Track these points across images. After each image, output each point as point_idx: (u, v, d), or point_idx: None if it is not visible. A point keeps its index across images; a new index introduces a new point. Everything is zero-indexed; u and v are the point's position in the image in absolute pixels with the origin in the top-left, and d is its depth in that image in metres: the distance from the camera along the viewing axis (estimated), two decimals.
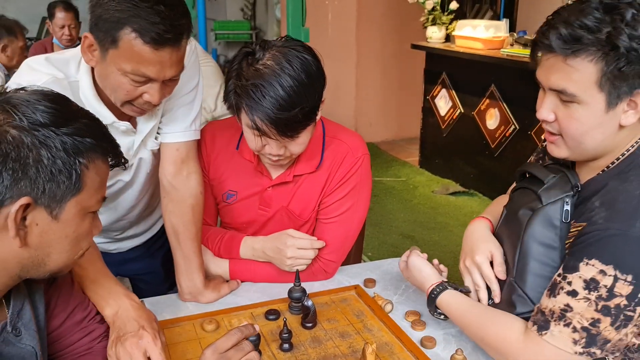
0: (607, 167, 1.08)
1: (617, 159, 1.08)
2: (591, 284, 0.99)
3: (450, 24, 4.56)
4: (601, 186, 1.07)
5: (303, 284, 1.37)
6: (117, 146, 0.92)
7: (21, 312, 0.93)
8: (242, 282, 1.51)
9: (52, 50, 4.00)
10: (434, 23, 4.59)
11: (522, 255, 1.15)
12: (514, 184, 1.36)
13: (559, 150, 1.11)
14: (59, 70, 1.26)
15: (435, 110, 4.74)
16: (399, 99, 5.84)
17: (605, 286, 0.98)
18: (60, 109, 0.83)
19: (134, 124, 1.37)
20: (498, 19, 5.14)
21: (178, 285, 1.44)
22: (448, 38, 4.62)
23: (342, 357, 1.20)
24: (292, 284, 1.36)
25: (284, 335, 1.22)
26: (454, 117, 4.53)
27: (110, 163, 0.91)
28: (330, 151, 1.46)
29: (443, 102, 4.64)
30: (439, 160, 4.81)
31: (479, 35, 4.14)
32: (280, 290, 1.45)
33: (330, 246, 1.50)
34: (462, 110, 4.44)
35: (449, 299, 1.24)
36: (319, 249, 1.50)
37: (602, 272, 0.98)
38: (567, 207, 1.11)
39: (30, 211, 0.81)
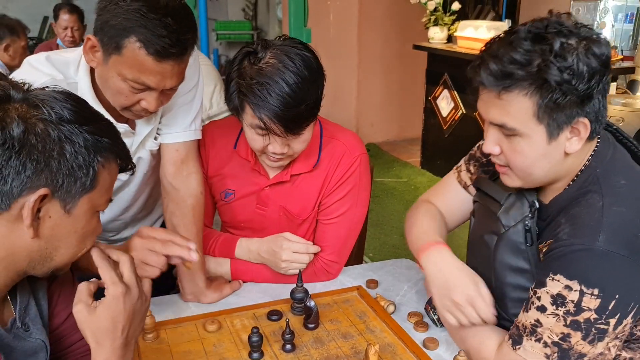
0: (569, 184, 1.08)
1: (577, 175, 1.07)
2: (558, 299, 0.98)
3: (452, 24, 4.56)
4: (566, 203, 1.07)
5: (305, 285, 1.37)
6: (128, 151, 0.94)
7: (27, 308, 0.95)
8: (244, 282, 1.51)
9: None
10: (435, 24, 4.59)
11: (497, 282, 1.15)
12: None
13: (510, 181, 1.11)
14: (59, 72, 1.26)
15: (436, 111, 4.74)
16: (400, 99, 5.83)
17: (572, 301, 0.97)
18: (83, 108, 0.87)
19: (133, 125, 1.38)
20: (500, 19, 5.12)
21: (180, 285, 1.44)
22: (450, 39, 4.62)
23: (345, 358, 1.20)
24: (294, 285, 1.35)
25: (287, 336, 1.21)
26: (456, 118, 4.53)
27: (119, 166, 0.94)
28: (328, 151, 1.46)
29: (445, 103, 4.64)
30: (441, 161, 4.80)
31: (481, 36, 4.13)
32: (282, 291, 1.45)
33: (332, 247, 1.50)
34: (464, 111, 4.43)
35: None
36: (321, 250, 1.50)
37: (567, 287, 0.97)
38: (529, 229, 1.10)
39: (46, 203, 0.83)
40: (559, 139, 1.01)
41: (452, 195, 1.38)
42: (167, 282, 1.73)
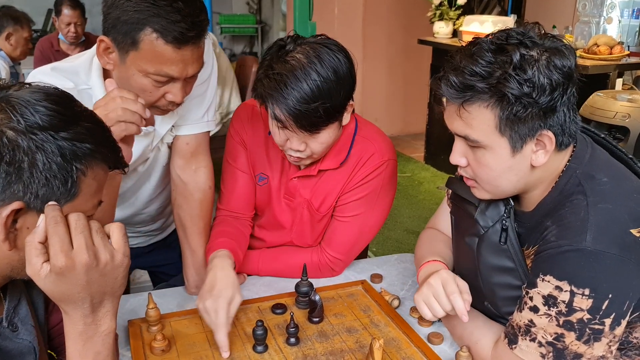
0: (551, 188, 1.06)
1: (557, 179, 1.05)
2: (550, 300, 0.97)
3: (457, 19, 4.55)
4: (550, 207, 1.05)
5: (310, 279, 1.37)
6: (117, 151, 0.88)
7: (17, 308, 0.92)
8: (248, 275, 1.51)
9: (58, 45, 4.00)
10: (441, 18, 4.57)
11: (485, 283, 1.15)
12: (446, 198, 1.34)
13: (479, 193, 1.10)
14: (68, 80, 1.23)
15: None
16: (404, 94, 5.82)
17: (564, 302, 0.96)
18: (61, 111, 0.79)
19: (151, 122, 1.37)
20: (506, 14, 5.12)
21: (185, 278, 1.44)
22: (455, 33, 4.60)
23: (349, 352, 1.20)
24: (299, 279, 1.35)
25: (291, 329, 1.21)
26: None
27: (110, 167, 0.88)
28: (357, 150, 1.43)
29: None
30: (445, 156, 4.75)
31: (486, 31, 4.12)
32: (287, 285, 1.45)
33: (340, 245, 1.48)
34: None
35: None
36: (328, 246, 1.49)
37: (557, 288, 0.96)
38: (507, 227, 1.09)
39: (22, 215, 0.78)
40: (524, 151, 1.00)
41: (446, 216, 1.37)
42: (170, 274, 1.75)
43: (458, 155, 1.06)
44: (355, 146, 1.43)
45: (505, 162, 1.01)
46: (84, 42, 3.99)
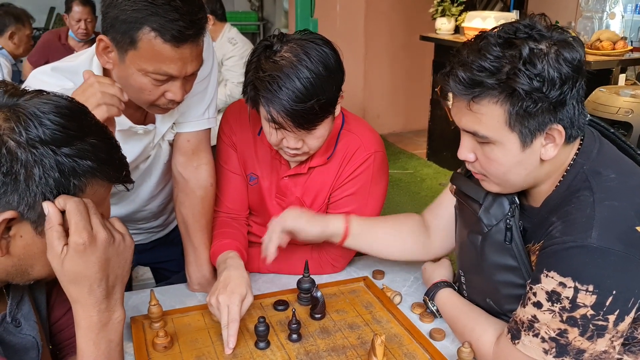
0: (558, 184, 1.05)
1: (564, 174, 1.05)
2: (553, 296, 0.97)
3: (459, 15, 4.54)
4: (556, 202, 1.05)
5: (312, 275, 1.37)
6: (121, 169, 0.88)
7: (20, 304, 0.93)
8: (250, 272, 1.51)
9: (66, 40, 3.99)
10: (443, 14, 4.56)
11: (488, 280, 1.15)
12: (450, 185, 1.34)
13: (489, 186, 1.09)
14: (69, 80, 1.23)
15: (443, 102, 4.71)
16: (407, 90, 5.81)
17: (567, 298, 0.95)
18: (67, 125, 0.79)
19: (152, 119, 1.37)
20: (508, 10, 5.10)
21: (187, 275, 1.45)
22: (457, 30, 4.59)
23: (351, 348, 1.20)
24: (301, 275, 1.35)
25: (293, 325, 1.21)
26: None
27: (112, 183, 0.87)
28: (343, 144, 1.43)
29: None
30: (447, 152, 4.79)
31: (488, 27, 4.05)
32: (289, 281, 1.45)
33: None
34: None
35: (444, 295, 1.28)
36: (327, 243, 1.48)
37: (561, 284, 0.96)
38: (511, 227, 1.09)
39: (16, 223, 0.79)
40: (533, 146, 0.99)
41: (445, 207, 1.37)
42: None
43: (466, 151, 1.06)
44: (341, 140, 1.43)
45: (515, 157, 1.00)
46: (94, 39, 3.98)
